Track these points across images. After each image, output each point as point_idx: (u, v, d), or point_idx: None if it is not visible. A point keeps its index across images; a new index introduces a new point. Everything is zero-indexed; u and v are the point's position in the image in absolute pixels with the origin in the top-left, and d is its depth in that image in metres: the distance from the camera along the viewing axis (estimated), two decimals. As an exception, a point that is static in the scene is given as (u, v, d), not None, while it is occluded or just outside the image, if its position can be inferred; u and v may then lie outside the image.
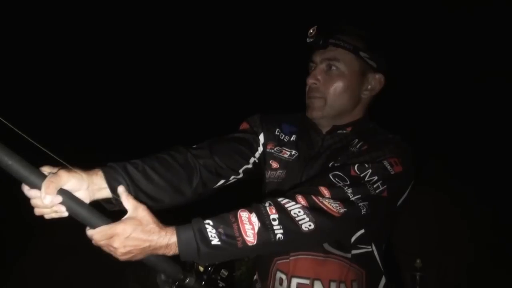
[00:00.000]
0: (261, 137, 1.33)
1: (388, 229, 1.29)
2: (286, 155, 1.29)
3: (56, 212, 0.84)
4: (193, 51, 5.67)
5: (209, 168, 1.18)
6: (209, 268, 0.99)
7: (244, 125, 1.36)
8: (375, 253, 1.21)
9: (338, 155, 1.21)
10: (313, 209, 0.95)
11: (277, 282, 1.20)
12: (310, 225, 0.93)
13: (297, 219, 0.93)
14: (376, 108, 1.36)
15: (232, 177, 1.26)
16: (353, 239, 1.17)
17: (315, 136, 1.29)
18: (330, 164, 1.19)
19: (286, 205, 0.95)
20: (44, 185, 0.80)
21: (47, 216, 0.85)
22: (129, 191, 0.99)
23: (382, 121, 1.34)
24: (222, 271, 1.02)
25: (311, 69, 1.28)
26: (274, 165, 1.30)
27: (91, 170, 0.95)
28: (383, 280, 1.23)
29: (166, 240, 0.88)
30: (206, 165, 1.18)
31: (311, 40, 1.22)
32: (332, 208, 0.97)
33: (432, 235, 3.69)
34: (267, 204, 0.95)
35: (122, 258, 0.88)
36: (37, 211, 0.84)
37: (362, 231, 1.16)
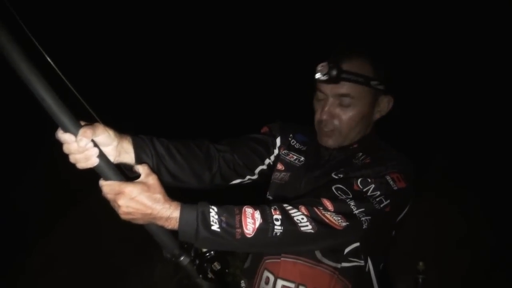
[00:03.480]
0: (278, 141, 1.39)
1: (387, 245, 1.30)
2: (292, 159, 1.34)
3: (87, 159, 0.87)
4: (196, 53, 5.68)
5: (228, 162, 1.25)
6: (206, 254, 1.01)
7: (265, 129, 1.43)
8: (370, 268, 1.21)
9: (341, 166, 1.22)
10: (315, 220, 0.97)
11: (263, 281, 1.23)
12: (310, 230, 0.95)
13: (299, 223, 0.95)
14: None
15: (248, 177, 1.32)
16: (346, 251, 1.17)
17: (323, 150, 1.31)
18: (333, 174, 1.20)
19: (290, 211, 0.97)
20: (82, 129, 0.85)
21: (79, 165, 0.88)
22: (152, 162, 1.06)
23: (381, 123, 1.36)
24: (215, 263, 1.03)
25: (319, 98, 1.27)
26: (280, 167, 1.35)
27: (123, 134, 1.01)
28: None
29: (169, 213, 0.90)
30: (225, 159, 1.24)
31: (323, 77, 1.19)
32: (334, 221, 0.98)
33: (435, 238, 3.68)
34: (272, 207, 0.97)
35: (124, 217, 0.91)
36: (72, 158, 0.88)
37: (357, 244, 1.17)
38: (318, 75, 1.20)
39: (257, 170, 1.33)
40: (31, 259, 3.48)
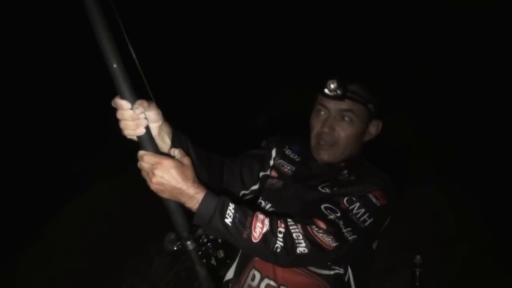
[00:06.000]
0: (273, 152, 1.49)
1: (367, 258, 1.38)
2: (285, 169, 1.43)
3: (137, 126, 0.94)
4: (196, 52, 5.64)
5: (230, 183, 1.35)
6: (209, 244, 1.08)
7: (263, 143, 1.53)
8: (351, 278, 1.28)
9: (327, 178, 1.32)
10: (309, 239, 1.06)
11: (249, 278, 1.29)
12: (304, 250, 1.05)
13: (296, 241, 1.05)
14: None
15: (242, 192, 1.40)
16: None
17: (312, 163, 1.41)
18: (319, 187, 1.29)
19: (291, 227, 1.07)
20: (140, 100, 0.93)
21: (127, 132, 0.96)
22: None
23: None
24: (220, 251, 1.09)
25: (321, 113, 1.36)
26: (273, 174, 1.44)
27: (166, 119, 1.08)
28: None
29: (193, 192, 0.98)
30: (230, 180, 1.35)
31: (331, 93, 1.31)
32: (325, 242, 1.08)
33: (432, 232, 3.70)
34: (279, 219, 1.07)
35: (154, 187, 0.98)
36: (122, 124, 0.95)
37: None
38: (327, 91, 1.31)
39: (253, 188, 1.42)
40: (28, 251, 3.48)
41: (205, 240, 1.08)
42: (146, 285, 3.17)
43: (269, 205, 1.36)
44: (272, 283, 1.25)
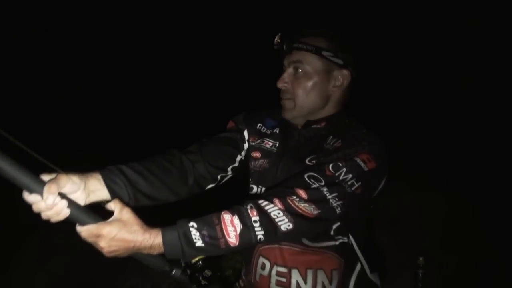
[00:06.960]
0: (245, 133, 1.42)
1: (365, 220, 1.36)
2: (268, 146, 1.37)
3: (58, 213, 0.88)
4: (187, 52, 5.65)
5: (202, 172, 1.27)
6: (198, 263, 1.05)
7: (230, 124, 1.45)
8: (353, 242, 1.27)
9: (313, 149, 1.26)
10: (290, 213, 1.01)
11: (259, 267, 1.29)
12: (289, 226, 1.00)
13: (276, 220, 0.99)
14: (365, 109, 1.36)
15: (220, 175, 1.34)
16: (331, 231, 1.23)
17: (292, 130, 1.36)
18: (306, 160, 1.24)
19: (266, 207, 1.00)
20: (46, 187, 0.84)
21: (53, 220, 0.89)
22: (127, 191, 1.06)
23: (371, 122, 1.38)
24: (206, 271, 1.07)
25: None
26: (256, 154, 1.38)
27: (89, 172, 1.00)
28: (358, 266, 1.30)
29: (151, 241, 0.93)
30: (200, 170, 1.26)
31: (277, 47, 1.31)
32: (306, 211, 1.02)
33: (435, 234, 3.70)
34: (248, 207, 1.00)
35: (109, 255, 0.94)
36: (44, 215, 0.88)
37: (339, 223, 1.22)
38: (275, 47, 1.31)
39: (229, 168, 1.35)
40: (29, 251, 3.49)
41: (189, 262, 1.06)
42: (148, 286, 3.17)
43: (263, 189, 1.33)
44: (282, 269, 1.25)
